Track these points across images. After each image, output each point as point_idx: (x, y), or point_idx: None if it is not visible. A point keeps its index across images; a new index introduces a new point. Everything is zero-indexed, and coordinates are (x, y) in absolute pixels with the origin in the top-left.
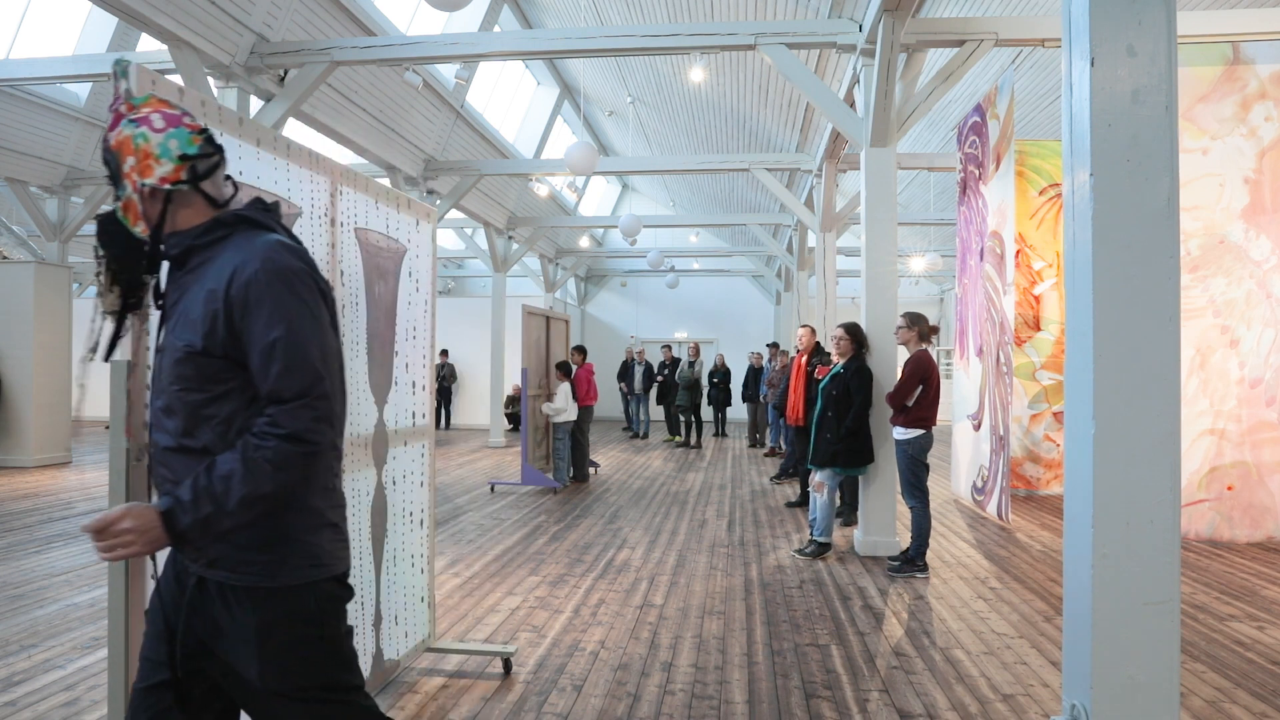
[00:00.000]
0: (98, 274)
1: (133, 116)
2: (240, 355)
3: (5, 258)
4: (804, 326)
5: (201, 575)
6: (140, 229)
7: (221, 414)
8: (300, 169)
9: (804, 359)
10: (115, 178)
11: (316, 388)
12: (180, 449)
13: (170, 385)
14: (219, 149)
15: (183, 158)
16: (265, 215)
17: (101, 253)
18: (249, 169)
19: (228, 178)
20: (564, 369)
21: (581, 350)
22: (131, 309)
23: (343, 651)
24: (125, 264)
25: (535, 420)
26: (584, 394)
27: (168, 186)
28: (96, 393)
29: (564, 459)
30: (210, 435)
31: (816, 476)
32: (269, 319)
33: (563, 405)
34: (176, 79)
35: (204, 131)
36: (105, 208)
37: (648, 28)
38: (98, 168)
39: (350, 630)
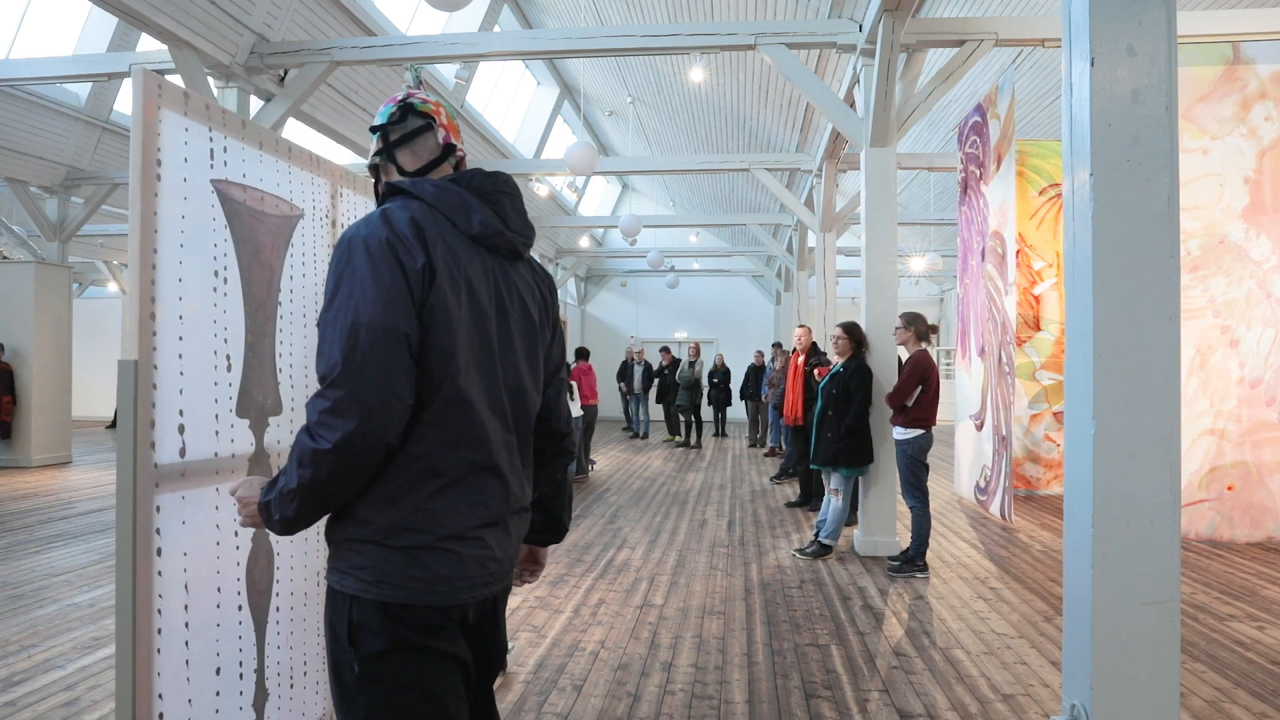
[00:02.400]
0: None
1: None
2: None
3: (5, 258)
4: (801, 326)
5: None
6: None
7: None
8: (301, 171)
9: (801, 359)
10: None
11: (331, 372)
12: None
13: None
14: (422, 115)
15: (372, 129)
16: (423, 183)
17: None
18: (251, 171)
19: (452, 147)
20: None
21: (577, 352)
22: None
23: (379, 697)
24: None
25: None
26: (581, 393)
27: (370, 162)
28: (96, 393)
29: None
30: None
31: (832, 482)
32: (327, 292)
33: None
34: (177, 79)
35: (404, 101)
36: None
37: (648, 28)
38: (98, 167)
39: (425, 692)
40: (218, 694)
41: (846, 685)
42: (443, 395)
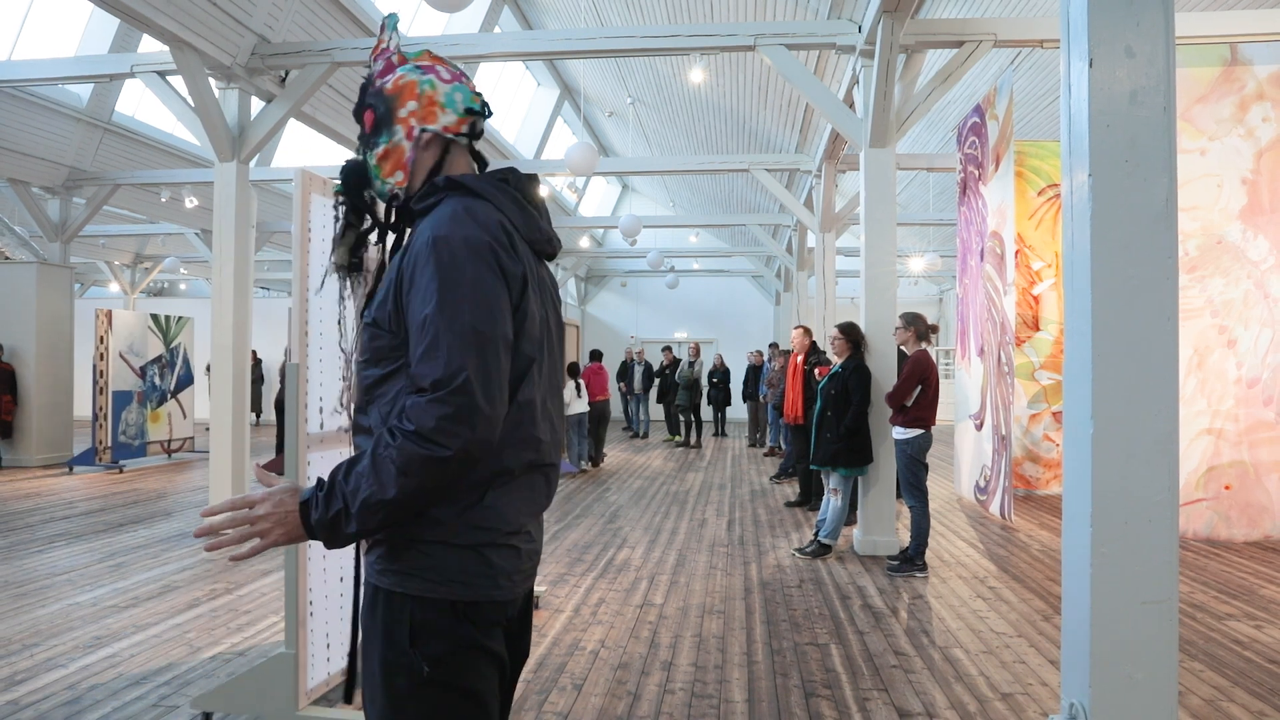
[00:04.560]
0: (335, 218)
1: (419, 64)
2: (405, 333)
3: (7, 258)
4: (797, 328)
5: None
6: (395, 180)
7: (389, 394)
8: None
9: (800, 358)
10: (383, 123)
11: (455, 379)
12: (357, 425)
13: (356, 356)
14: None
15: (468, 111)
16: (484, 182)
17: (341, 198)
18: None
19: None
20: (571, 370)
21: (591, 354)
22: (354, 269)
23: (431, 700)
24: (357, 217)
25: None
26: (590, 390)
27: (450, 135)
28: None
29: (572, 447)
30: (377, 415)
31: (832, 482)
32: (423, 294)
33: (568, 398)
34: (178, 80)
35: (480, 94)
36: (350, 157)
37: (648, 28)
38: (99, 168)
39: (474, 694)
40: (341, 595)
41: (846, 684)
42: (518, 399)
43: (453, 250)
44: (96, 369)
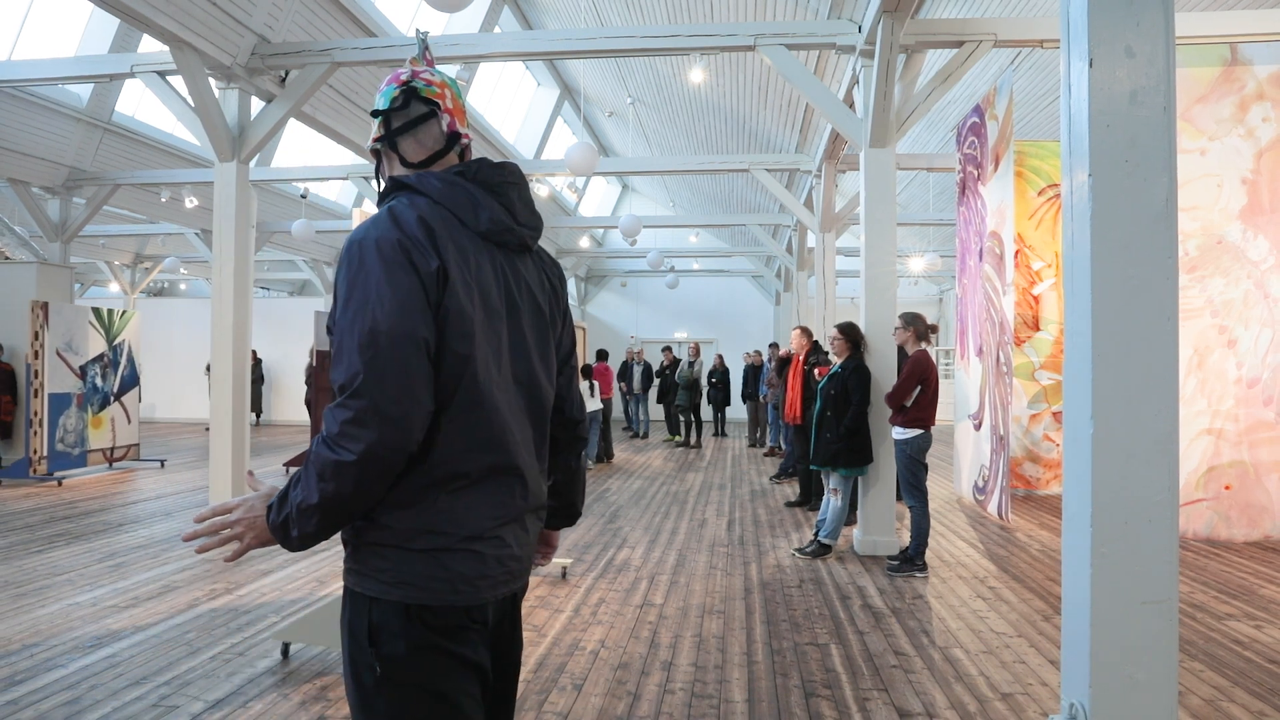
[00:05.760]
0: None
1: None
2: None
3: (7, 258)
4: (796, 329)
5: None
6: None
7: None
8: None
9: (801, 358)
10: None
11: (353, 383)
12: None
13: None
14: (425, 101)
15: (374, 114)
16: (430, 177)
17: None
18: None
19: (456, 135)
20: (584, 371)
21: (597, 354)
22: None
23: (397, 700)
24: None
25: None
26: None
27: (371, 146)
28: None
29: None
30: None
31: (832, 482)
32: (337, 299)
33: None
34: (178, 80)
35: (408, 84)
36: None
37: (648, 28)
38: (99, 168)
39: (443, 695)
40: None
41: (846, 684)
42: (460, 399)
43: (362, 253)
44: (31, 369)
